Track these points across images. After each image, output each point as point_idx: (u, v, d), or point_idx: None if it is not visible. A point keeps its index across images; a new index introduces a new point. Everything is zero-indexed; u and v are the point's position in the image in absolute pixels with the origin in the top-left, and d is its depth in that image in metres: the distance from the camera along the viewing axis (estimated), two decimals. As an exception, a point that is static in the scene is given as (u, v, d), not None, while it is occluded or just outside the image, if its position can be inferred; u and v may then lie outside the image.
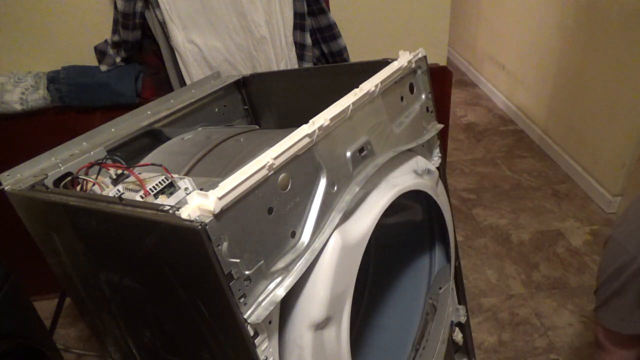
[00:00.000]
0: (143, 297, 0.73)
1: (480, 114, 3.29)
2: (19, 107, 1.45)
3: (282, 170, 0.61)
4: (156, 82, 1.50)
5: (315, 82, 1.10)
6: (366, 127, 0.78)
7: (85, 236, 0.74)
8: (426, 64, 0.94)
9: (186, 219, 0.51)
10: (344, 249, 0.69)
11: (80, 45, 1.46)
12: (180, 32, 1.33)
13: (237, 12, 1.31)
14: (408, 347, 1.09)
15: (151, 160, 0.90)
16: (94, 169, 0.80)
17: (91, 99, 1.48)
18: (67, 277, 0.86)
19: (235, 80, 1.19)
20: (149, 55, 1.48)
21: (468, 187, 2.49)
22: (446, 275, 1.14)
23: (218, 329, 0.61)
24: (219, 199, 0.51)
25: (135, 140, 0.99)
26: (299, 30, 1.38)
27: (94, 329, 0.95)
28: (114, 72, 1.46)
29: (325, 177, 0.68)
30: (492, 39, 3.46)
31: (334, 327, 0.71)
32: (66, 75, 1.45)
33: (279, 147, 0.61)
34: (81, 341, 1.71)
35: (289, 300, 0.67)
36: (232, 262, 0.54)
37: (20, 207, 0.82)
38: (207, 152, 0.90)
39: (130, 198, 0.68)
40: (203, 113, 1.12)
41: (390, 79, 0.83)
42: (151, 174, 0.73)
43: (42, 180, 0.80)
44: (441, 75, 1.63)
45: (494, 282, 1.87)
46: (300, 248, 0.65)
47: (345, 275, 0.70)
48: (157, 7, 1.30)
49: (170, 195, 0.70)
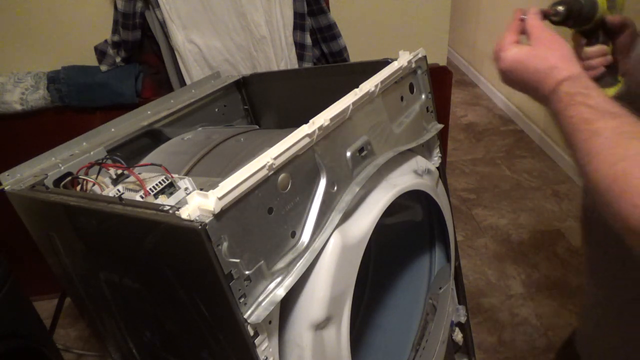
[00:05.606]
0: (143, 297, 0.73)
1: (480, 114, 3.29)
2: (19, 107, 1.45)
3: (282, 170, 0.61)
4: (156, 82, 1.50)
5: (315, 82, 1.10)
6: (366, 127, 0.78)
7: (85, 236, 0.74)
8: (426, 64, 0.94)
9: (186, 219, 0.51)
10: (344, 249, 0.69)
11: (80, 45, 1.46)
12: (180, 32, 1.33)
13: (237, 12, 1.31)
14: (408, 347, 1.09)
15: (151, 160, 0.90)
16: (94, 169, 0.80)
17: (91, 99, 1.48)
18: (67, 277, 0.86)
19: (235, 80, 1.19)
20: (149, 55, 1.48)
21: (468, 187, 2.49)
22: (446, 275, 1.14)
23: (218, 329, 0.61)
24: (219, 199, 0.51)
25: (135, 140, 0.99)
26: (299, 30, 1.38)
27: (94, 329, 0.95)
28: (114, 72, 1.46)
29: (325, 177, 0.68)
30: (492, 39, 3.45)
31: (334, 327, 0.71)
32: (66, 75, 1.45)
33: (279, 147, 0.61)
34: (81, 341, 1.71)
35: (289, 300, 0.67)
36: (232, 262, 0.54)
37: (20, 207, 0.82)
38: (207, 152, 0.90)
39: (130, 198, 0.68)
40: (203, 113, 1.12)
41: (390, 79, 0.83)
42: (151, 174, 0.73)
43: (42, 180, 0.80)
44: (441, 75, 1.63)
45: (494, 282, 1.87)
46: (300, 248, 0.65)
47: (345, 275, 0.70)
48: (157, 7, 1.30)
49: (170, 195, 0.70)
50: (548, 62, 0.57)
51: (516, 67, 0.60)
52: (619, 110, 0.48)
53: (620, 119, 0.46)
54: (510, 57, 0.60)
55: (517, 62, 0.60)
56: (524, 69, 0.59)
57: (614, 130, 0.45)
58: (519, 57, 0.60)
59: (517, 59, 0.60)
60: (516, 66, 0.60)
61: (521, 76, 0.60)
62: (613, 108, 0.48)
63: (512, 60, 0.60)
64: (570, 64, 0.56)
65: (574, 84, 0.53)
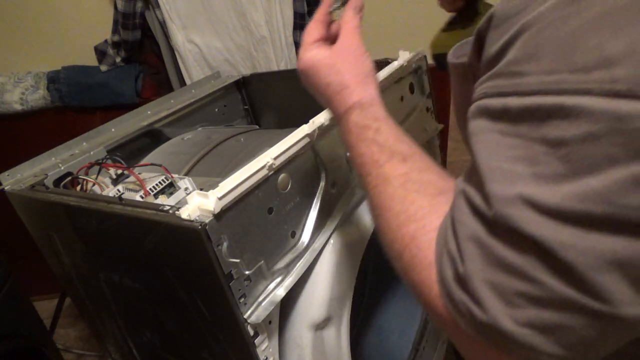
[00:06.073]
0: (143, 297, 0.73)
1: (480, 114, 3.29)
2: (19, 107, 1.45)
3: (282, 170, 0.61)
4: (156, 82, 1.50)
5: (315, 82, 1.10)
6: (366, 127, 0.78)
7: (85, 236, 0.74)
8: (426, 64, 0.94)
9: (186, 219, 0.51)
10: (343, 249, 0.69)
11: (80, 45, 1.46)
12: (180, 32, 1.33)
13: (237, 12, 1.32)
14: (408, 348, 1.09)
15: (151, 160, 0.90)
16: (94, 169, 0.80)
17: (91, 99, 1.48)
18: (67, 277, 0.86)
19: (235, 80, 1.19)
20: (149, 55, 1.48)
21: (468, 187, 2.48)
22: (446, 275, 1.14)
23: (218, 329, 0.61)
24: (219, 199, 0.51)
25: (135, 140, 0.99)
26: (299, 30, 1.38)
27: (94, 329, 0.95)
28: (114, 72, 1.46)
29: (325, 177, 0.68)
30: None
31: (334, 327, 0.71)
32: (66, 75, 1.45)
33: (279, 147, 0.61)
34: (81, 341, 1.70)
35: (289, 300, 0.67)
36: (232, 262, 0.54)
37: (20, 207, 0.82)
38: (207, 152, 0.90)
39: (130, 198, 0.68)
40: (203, 113, 1.13)
41: (390, 79, 0.83)
42: (151, 174, 0.73)
43: (42, 180, 0.80)
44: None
45: (494, 282, 1.87)
46: (300, 248, 0.65)
47: (345, 275, 0.70)
48: (157, 7, 1.30)
49: (170, 195, 0.70)
50: (342, 78, 0.50)
51: (311, 74, 0.52)
52: (408, 149, 0.43)
53: (410, 162, 0.41)
54: (308, 59, 0.52)
55: (312, 67, 0.52)
56: (317, 80, 0.52)
57: (402, 179, 0.40)
58: (315, 62, 0.51)
59: (312, 64, 0.52)
60: (311, 72, 0.52)
61: (313, 86, 0.53)
62: (403, 146, 0.43)
63: (308, 65, 0.52)
64: (365, 87, 0.49)
65: (363, 113, 0.47)
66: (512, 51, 0.29)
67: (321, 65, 0.51)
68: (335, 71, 0.50)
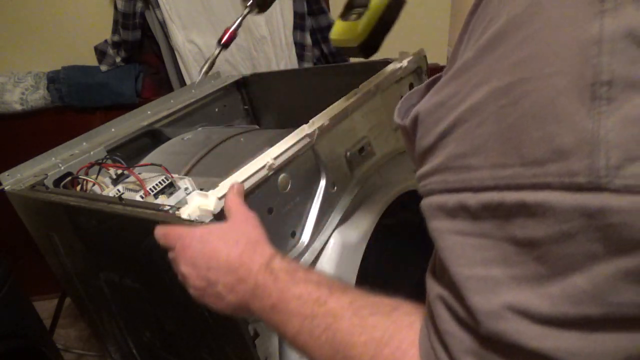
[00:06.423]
0: (143, 297, 0.73)
1: (480, 114, 3.29)
2: (19, 107, 1.45)
3: (282, 171, 0.61)
4: (156, 82, 1.51)
5: (315, 82, 1.10)
6: (366, 127, 0.78)
7: (85, 236, 0.74)
8: (426, 64, 0.94)
9: (186, 219, 0.51)
10: (343, 249, 0.69)
11: (80, 45, 1.46)
12: (180, 32, 1.33)
13: (237, 12, 1.31)
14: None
15: (151, 160, 0.90)
16: (94, 169, 0.80)
17: (91, 99, 1.48)
18: (67, 277, 0.86)
19: (235, 80, 1.19)
20: (149, 55, 1.49)
21: (468, 187, 2.48)
22: (446, 275, 1.14)
23: (218, 329, 0.61)
24: (219, 199, 0.51)
25: (135, 140, 0.99)
26: (299, 30, 1.38)
27: (94, 329, 0.95)
28: (114, 72, 1.46)
29: (325, 177, 0.68)
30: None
31: (334, 327, 0.71)
32: (66, 75, 1.45)
33: (279, 147, 0.61)
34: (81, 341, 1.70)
35: (289, 300, 0.67)
36: (232, 262, 0.54)
37: (20, 207, 0.82)
38: (207, 152, 0.90)
39: (130, 198, 0.68)
40: (203, 113, 1.13)
41: (390, 79, 0.83)
42: (151, 174, 0.73)
43: (42, 180, 0.80)
44: (441, 75, 1.63)
45: (494, 282, 1.87)
46: (300, 248, 0.65)
47: (345, 275, 0.70)
48: (157, 7, 1.30)
49: (170, 195, 0.70)
50: (248, 238, 0.47)
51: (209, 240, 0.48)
52: (338, 282, 0.41)
53: (348, 291, 0.39)
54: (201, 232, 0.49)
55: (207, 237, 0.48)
56: (219, 247, 0.47)
57: (352, 309, 0.37)
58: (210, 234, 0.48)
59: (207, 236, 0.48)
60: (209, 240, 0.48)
61: (210, 258, 0.47)
62: (332, 280, 0.41)
63: (204, 236, 0.48)
64: (268, 244, 0.48)
65: (285, 259, 0.45)
66: (452, 145, 0.27)
67: (218, 234, 0.48)
68: (239, 235, 0.48)
